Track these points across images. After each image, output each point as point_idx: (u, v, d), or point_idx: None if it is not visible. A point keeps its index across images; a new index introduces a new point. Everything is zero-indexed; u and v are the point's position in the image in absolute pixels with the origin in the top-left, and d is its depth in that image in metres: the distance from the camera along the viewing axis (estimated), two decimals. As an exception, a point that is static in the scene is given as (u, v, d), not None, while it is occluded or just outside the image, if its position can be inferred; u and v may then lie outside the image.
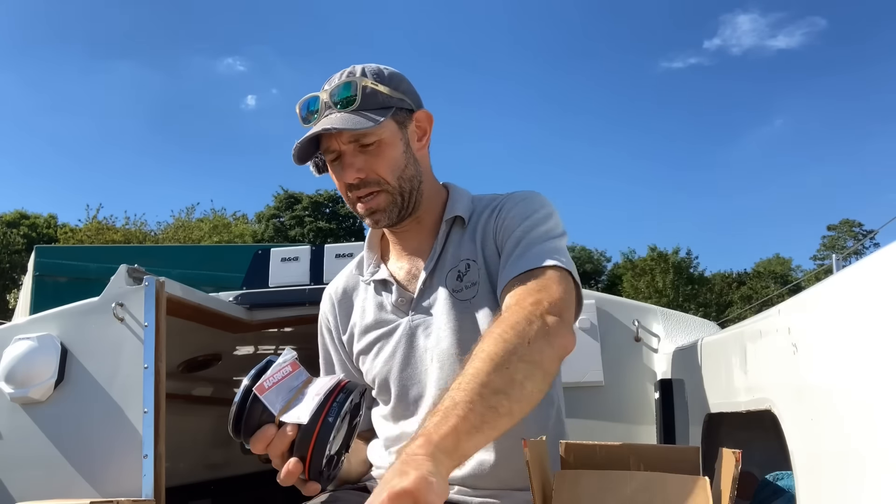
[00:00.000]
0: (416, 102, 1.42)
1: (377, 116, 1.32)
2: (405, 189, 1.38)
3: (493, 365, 1.04)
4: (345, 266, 1.66)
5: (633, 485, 0.98)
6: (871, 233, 40.09)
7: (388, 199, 1.37)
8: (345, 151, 1.34)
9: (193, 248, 16.47)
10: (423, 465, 0.88)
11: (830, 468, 0.74)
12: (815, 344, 0.78)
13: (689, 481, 0.97)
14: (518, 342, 1.08)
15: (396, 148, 1.36)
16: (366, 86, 1.33)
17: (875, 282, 0.66)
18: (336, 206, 41.74)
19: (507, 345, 1.08)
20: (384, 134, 1.34)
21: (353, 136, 1.32)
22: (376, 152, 1.34)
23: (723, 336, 1.19)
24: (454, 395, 1.01)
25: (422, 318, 1.39)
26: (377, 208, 1.37)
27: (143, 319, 2.14)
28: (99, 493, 2.07)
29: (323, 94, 1.34)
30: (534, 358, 1.09)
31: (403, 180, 1.37)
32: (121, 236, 29.07)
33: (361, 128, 1.30)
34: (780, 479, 1.13)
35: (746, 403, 1.02)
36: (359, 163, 1.34)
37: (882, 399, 0.64)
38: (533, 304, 1.17)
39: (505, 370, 1.04)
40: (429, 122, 1.44)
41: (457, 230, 1.43)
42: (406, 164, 1.38)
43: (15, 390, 2.13)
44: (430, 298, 1.39)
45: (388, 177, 1.36)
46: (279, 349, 3.51)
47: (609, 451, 1.07)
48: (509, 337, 1.09)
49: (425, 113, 1.43)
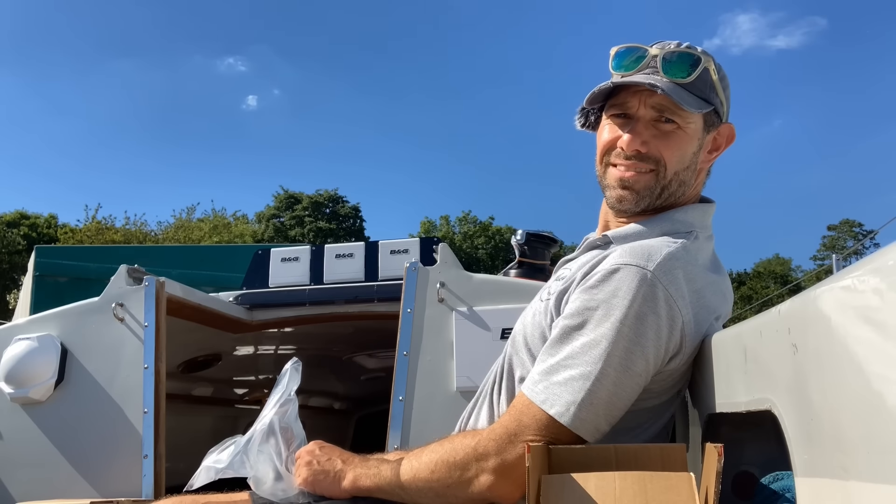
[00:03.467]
0: (726, 114, 1.31)
1: (698, 104, 1.22)
2: (671, 186, 1.26)
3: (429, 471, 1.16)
4: (344, 267, 1.65)
5: (619, 485, 0.98)
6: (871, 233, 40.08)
7: (650, 183, 1.25)
8: (641, 117, 1.24)
9: (193, 248, 16.46)
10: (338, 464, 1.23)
11: (830, 468, 0.73)
12: (815, 344, 0.78)
13: (675, 478, 0.98)
14: (443, 459, 1.16)
15: (691, 144, 1.26)
16: (708, 68, 1.23)
17: (875, 281, 0.66)
18: (336, 206, 41.76)
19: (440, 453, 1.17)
20: (690, 124, 1.24)
21: (662, 104, 1.21)
22: (672, 136, 1.23)
23: (723, 336, 1.19)
24: (395, 463, 1.21)
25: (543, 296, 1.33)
26: (634, 186, 1.25)
27: (143, 319, 2.14)
28: (99, 493, 2.07)
29: (654, 49, 1.24)
30: (436, 485, 1.16)
31: (676, 177, 1.26)
32: (121, 236, 29.05)
33: (683, 104, 1.19)
34: (780, 479, 1.13)
35: (746, 404, 1.02)
36: (647, 135, 1.23)
37: (882, 399, 0.64)
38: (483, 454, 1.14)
39: (427, 482, 1.16)
40: (728, 140, 1.32)
41: (599, 243, 1.30)
42: (689, 164, 1.27)
43: (15, 390, 2.13)
44: (551, 286, 1.32)
45: (670, 163, 1.24)
46: (279, 349, 3.51)
47: (597, 454, 1.06)
48: (447, 449, 1.17)
49: (730, 128, 1.31)
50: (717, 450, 0.88)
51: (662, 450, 1.06)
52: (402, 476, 1.19)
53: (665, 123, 1.23)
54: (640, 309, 1.12)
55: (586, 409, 1.10)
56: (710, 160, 1.31)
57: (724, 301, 1.27)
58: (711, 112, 1.26)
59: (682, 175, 1.26)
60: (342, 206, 42.17)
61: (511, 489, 1.13)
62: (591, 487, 0.99)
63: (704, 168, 1.31)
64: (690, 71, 1.22)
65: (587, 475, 1.00)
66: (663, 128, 1.23)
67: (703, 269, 1.22)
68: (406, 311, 2.14)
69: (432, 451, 1.19)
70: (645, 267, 1.13)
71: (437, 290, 2.13)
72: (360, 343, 3.48)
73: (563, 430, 1.11)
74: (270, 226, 40.21)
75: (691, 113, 1.22)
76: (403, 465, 1.20)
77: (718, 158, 1.35)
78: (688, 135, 1.24)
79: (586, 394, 1.10)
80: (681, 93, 1.21)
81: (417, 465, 1.18)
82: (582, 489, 0.99)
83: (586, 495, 0.98)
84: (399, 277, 2.28)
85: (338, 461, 1.25)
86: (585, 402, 1.10)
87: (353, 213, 42.35)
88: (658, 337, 1.13)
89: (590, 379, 1.10)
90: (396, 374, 2.10)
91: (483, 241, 45.20)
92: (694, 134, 1.25)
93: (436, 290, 2.13)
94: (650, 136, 1.24)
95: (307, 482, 1.24)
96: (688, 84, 1.22)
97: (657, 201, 1.27)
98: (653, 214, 1.29)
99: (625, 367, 1.11)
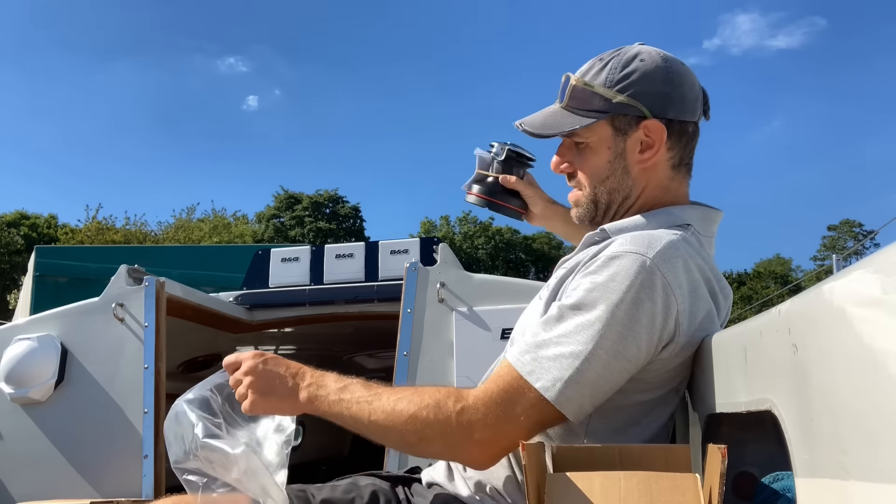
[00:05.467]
0: (658, 106, 1.26)
1: (582, 119, 1.26)
2: (600, 200, 1.30)
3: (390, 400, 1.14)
4: (344, 267, 1.66)
5: (624, 485, 0.98)
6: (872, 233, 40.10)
7: (583, 200, 1.32)
8: (563, 141, 1.33)
9: (194, 248, 16.48)
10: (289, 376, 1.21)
11: (830, 468, 0.73)
12: (815, 344, 0.78)
13: (680, 479, 0.98)
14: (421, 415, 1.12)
15: (601, 156, 1.28)
16: (576, 85, 1.27)
17: (875, 282, 0.66)
18: (336, 207, 41.77)
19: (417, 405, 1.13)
20: (590, 137, 1.27)
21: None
22: (583, 152, 1.30)
23: (723, 336, 1.19)
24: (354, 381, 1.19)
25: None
26: (576, 203, 1.34)
27: (143, 320, 2.14)
28: (99, 493, 2.07)
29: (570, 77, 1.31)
30: (408, 436, 1.14)
31: (600, 191, 1.29)
32: (121, 236, 29.06)
33: (548, 133, 1.29)
34: (780, 480, 1.13)
35: (746, 404, 1.02)
36: (568, 156, 1.32)
37: (883, 399, 0.64)
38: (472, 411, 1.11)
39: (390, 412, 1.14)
40: (660, 134, 1.26)
41: (590, 241, 1.29)
42: (610, 174, 1.28)
43: (15, 390, 2.13)
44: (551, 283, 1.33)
45: (585, 181, 1.30)
46: (279, 349, 3.51)
47: (600, 453, 1.06)
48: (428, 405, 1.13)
49: (656, 124, 1.25)
50: (721, 451, 0.88)
51: (667, 450, 1.06)
52: (370, 416, 1.16)
53: (578, 144, 1.30)
54: (637, 295, 1.12)
55: (572, 388, 1.10)
56: (647, 160, 1.27)
57: (723, 299, 1.27)
58: (611, 117, 1.26)
59: (606, 184, 1.29)
60: (342, 206, 42.19)
61: (486, 460, 1.14)
62: (596, 487, 0.98)
63: (646, 168, 1.28)
64: (563, 94, 1.29)
65: (591, 474, 1.00)
66: (577, 146, 1.30)
67: (703, 263, 1.22)
68: (406, 312, 2.15)
69: (409, 402, 1.14)
70: (645, 254, 1.14)
71: (437, 291, 2.13)
72: (361, 343, 3.48)
73: (547, 406, 1.11)
74: (270, 226, 40.22)
75: (587, 128, 1.26)
76: (374, 405, 1.16)
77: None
78: (593, 148, 1.28)
79: (574, 372, 1.10)
80: (554, 119, 1.28)
81: (391, 410, 1.14)
82: (587, 488, 0.99)
83: (591, 494, 0.98)
84: (399, 278, 2.28)
85: (287, 378, 1.21)
86: (572, 380, 1.10)
87: (353, 213, 42.37)
88: (652, 324, 1.13)
89: (579, 358, 1.10)
90: (396, 374, 2.10)
91: (483, 241, 45.20)
92: (600, 145, 1.27)
93: (436, 290, 2.13)
94: (570, 157, 1.31)
95: (252, 404, 1.20)
96: (566, 106, 1.28)
97: (603, 213, 1.31)
98: (648, 210, 1.30)
99: (616, 351, 1.12)
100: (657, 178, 1.30)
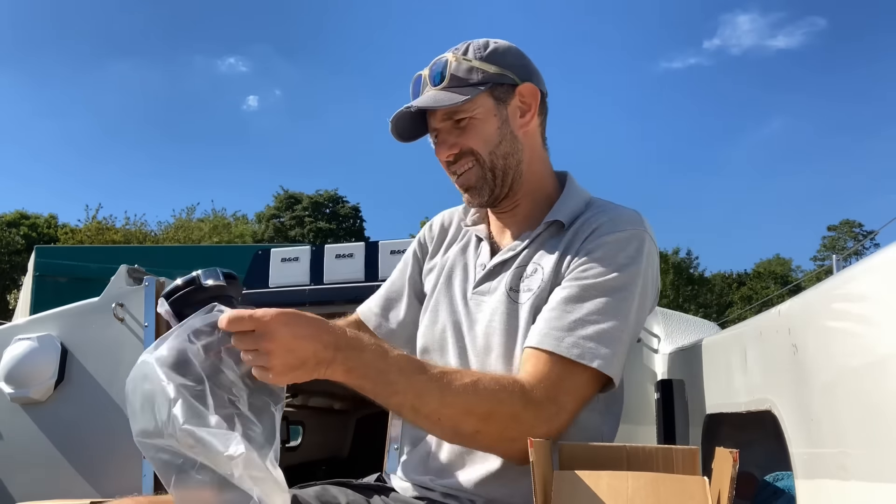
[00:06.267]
0: (524, 76, 1.36)
1: (465, 93, 1.31)
2: (497, 165, 1.34)
3: (448, 379, 1.11)
4: (344, 267, 1.66)
5: (632, 485, 0.98)
6: (872, 233, 40.11)
7: (479, 174, 1.34)
8: (441, 129, 1.35)
9: (193, 248, 16.51)
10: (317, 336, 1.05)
11: (830, 468, 0.74)
12: (815, 344, 0.78)
13: (688, 481, 0.97)
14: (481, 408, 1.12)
15: (490, 123, 1.34)
16: (455, 62, 1.33)
17: (875, 282, 0.66)
18: (336, 207, 41.78)
19: (478, 389, 1.12)
20: (475, 110, 1.33)
21: (445, 113, 1.33)
22: (468, 128, 1.33)
23: (723, 336, 1.19)
24: (398, 355, 1.11)
25: (477, 299, 1.37)
26: (469, 184, 1.35)
27: (143, 319, 2.14)
28: (99, 493, 2.07)
29: (424, 72, 1.36)
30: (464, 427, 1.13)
31: (496, 156, 1.34)
32: (121, 236, 29.07)
33: (441, 105, 1.30)
34: (780, 480, 1.13)
35: (746, 404, 1.02)
36: (452, 139, 1.34)
37: (882, 399, 0.64)
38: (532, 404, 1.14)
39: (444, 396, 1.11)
40: (534, 98, 1.36)
41: (551, 232, 1.35)
42: (501, 140, 1.34)
43: (15, 390, 2.13)
44: (492, 283, 1.35)
45: (481, 149, 1.33)
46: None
47: (607, 452, 1.06)
48: (487, 397, 1.12)
49: (530, 87, 1.36)
50: (733, 455, 0.88)
51: (675, 452, 1.05)
52: (419, 399, 1.11)
53: (459, 122, 1.34)
54: (646, 266, 1.25)
55: (619, 358, 1.20)
56: (527, 123, 1.36)
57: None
58: (491, 87, 1.33)
59: (499, 150, 1.34)
60: (342, 206, 42.18)
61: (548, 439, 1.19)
62: (604, 486, 0.98)
63: (527, 131, 1.37)
64: (442, 76, 1.33)
65: (599, 473, 1.00)
66: (460, 126, 1.34)
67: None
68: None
69: (466, 393, 1.12)
70: (644, 229, 1.28)
71: (437, 291, 2.13)
72: (360, 343, 3.47)
73: (601, 379, 1.20)
74: (270, 226, 40.22)
75: (471, 101, 1.31)
76: (426, 396, 1.11)
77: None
78: (481, 119, 1.33)
79: (620, 345, 1.20)
80: (443, 95, 1.31)
81: (444, 399, 1.11)
82: (595, 487, 0.99)
83: (599, 493, 0.98)
84: (399, 277, 2.27)
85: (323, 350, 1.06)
86: (619, 354, 1.20)
87: (353, 213, 42.36)
88: (655, 289, 1.31)
89: (619, 331, 1.20)
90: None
91: (483, 241, 45.10)
92: (487, 115, 1.33)
93: (436, 290, 2.13)
94: (455, 138, 1.34)
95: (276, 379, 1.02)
96: (447, 86, 1.32)
97: (503, 184, 1.35)
98: (520, 197, 1.38)
99: (639, 319, 1.25)
100: (536, 145, 1.40)
